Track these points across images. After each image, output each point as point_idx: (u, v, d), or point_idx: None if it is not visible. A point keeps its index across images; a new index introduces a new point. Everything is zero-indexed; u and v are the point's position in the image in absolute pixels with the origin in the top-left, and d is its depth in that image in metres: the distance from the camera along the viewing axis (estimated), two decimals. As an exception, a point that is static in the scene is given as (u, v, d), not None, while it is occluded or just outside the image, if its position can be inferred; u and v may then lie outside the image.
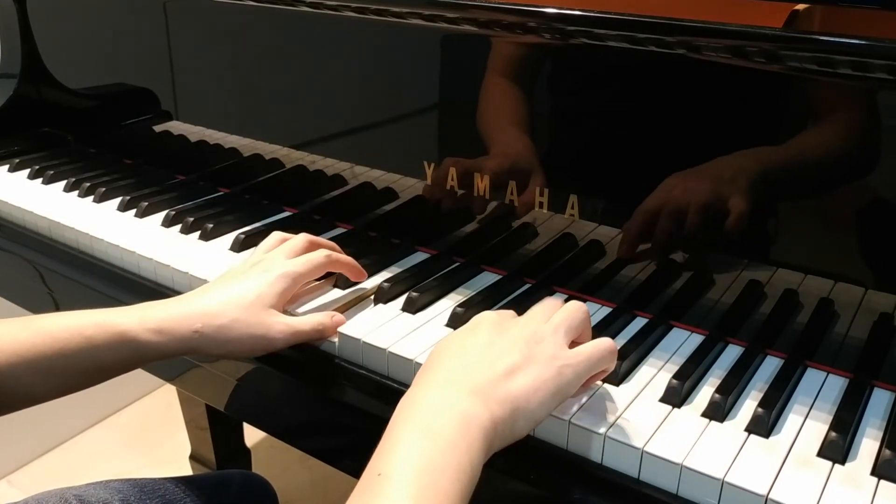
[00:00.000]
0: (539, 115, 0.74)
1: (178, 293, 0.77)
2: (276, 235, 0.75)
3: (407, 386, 0.63)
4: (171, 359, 0.65)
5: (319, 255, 0.71)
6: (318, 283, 0.75)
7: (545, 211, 0.73)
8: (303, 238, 0.73)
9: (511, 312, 0.60)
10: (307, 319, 0.67)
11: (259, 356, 0.67)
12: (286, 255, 0.70)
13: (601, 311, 0.71)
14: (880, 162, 0.59)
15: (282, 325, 0.65)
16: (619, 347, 0.64)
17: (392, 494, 0.44)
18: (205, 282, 0.75)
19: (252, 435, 1.54)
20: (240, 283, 0.66)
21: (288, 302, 0.70)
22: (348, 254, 0.75)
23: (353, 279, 0.75)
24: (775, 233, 0.64)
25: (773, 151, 0.63)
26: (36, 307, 0.97)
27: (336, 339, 0.67)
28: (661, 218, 0.67)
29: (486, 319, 0.57)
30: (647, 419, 0.57)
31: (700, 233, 0.66)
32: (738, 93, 0.63)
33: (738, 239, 0.65)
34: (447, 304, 0.71)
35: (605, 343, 0.57)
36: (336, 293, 0.74)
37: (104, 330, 0.62)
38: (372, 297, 0.73)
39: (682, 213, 0.66)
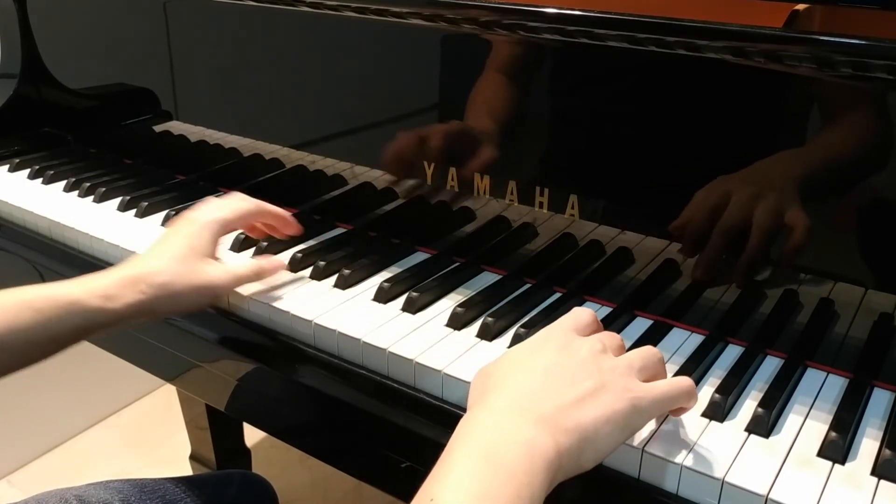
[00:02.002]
0: (539, 115, 0.74)
1: (178, 293, 0.77)
2: (210, 199, 0.77)
3: (406, 386, 0.64)
4: (124, 325, 0.66)
5: (247, 202, 0.74)
6: (270, 264, 0.74)
7: (545, 211, 0.73)
8: (235, 194, 0.76)
9: (576, 324, 0.55)
10: (245, 263, 0.70)
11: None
12: (215, 206, 0.73)
13: (601, 311, 0.71)
14: (880, 162, 0.59)
15: (220, 272, 0.68)
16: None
17: None
18: (205, 282, 0.76)
19: (252, 435, 1.54)
20: (172, 240, 0.69)
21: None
22: (348, 253, 0.75)
23: (283, 230, 0.77)
24: (777, 234, 0.64)
25: (772, 152, 0.63)
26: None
27: (337, 339, 0.68)
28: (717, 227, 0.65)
29: (554, 336, 0.54)
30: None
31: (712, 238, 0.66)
32: (737, 93, 0.63)
33: (742, 241, 0.65)
34: (447, 304, 0.71)
35: (683, 381, 0.53)
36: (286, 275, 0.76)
37: (53, 301, 0.63)
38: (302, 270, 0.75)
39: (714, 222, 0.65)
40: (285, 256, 0.79)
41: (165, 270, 0.66)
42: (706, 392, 0.60)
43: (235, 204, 0.73)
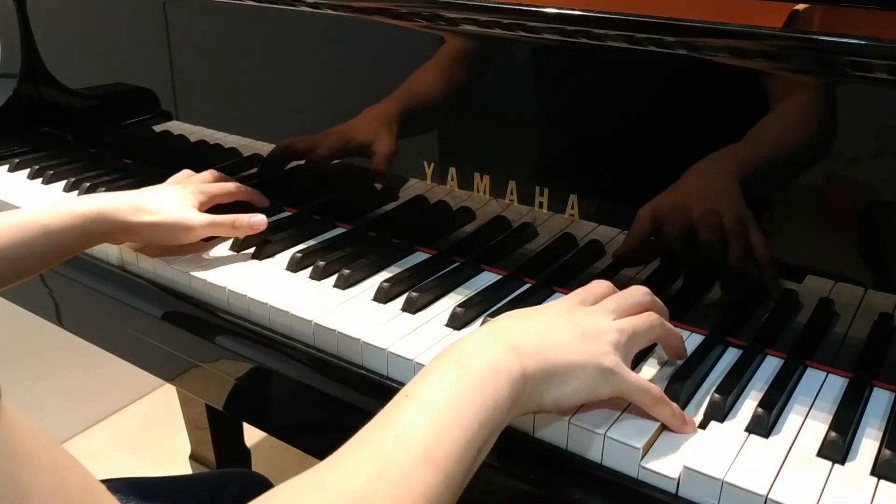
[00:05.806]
0: (539, 115, 0.74)
1: (178, 292, 0.78)
2: (185, 171, 0.91)
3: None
4: (111, 240, 0.80)
5: (232, 184, 0.89)
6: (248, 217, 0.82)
7: (545, 211, 0.73)
8: (209, 172, 0.90)
9: (586, 296, 0.60)
10: (223, 216, 0.81)
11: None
12: (199, 180, 0.88)
13: (601, 311, 0.71)
14: (880, 162, 0.59)
15: (200, 215, 0.80)
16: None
17: (414, 410, 0.47)
18: (205, 282, 0.76)
19: (252, 435, 1.53)
20: (166, 191, 0.83)
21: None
22: (348, 253, 0.75)
23: (258, 205, 0.90)
24: (776, 233, 0.64)
25: (772, 152, 0.63)
26: (36, 307, 0.97)
27: (336, 339, 0.68)
28: (666, 223, 0.67)
29: (559, 304, 0.59)
30: (647, 419, 0.56)
31: (704, 236, 0.66)
32: (736, 93, 0.63)
33: (740, 241, 0.65)
34: (447, 304, 0.71)
35: (653, 388, 0.55)
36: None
37: (57, 217, 0.74)
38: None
39: (686, 217, 0.66)
40: (285, 256, 0.80)
41: (155, 205, 0.78)
42: (706, 392, 0.60)
43: (225, 185, 0.88)
